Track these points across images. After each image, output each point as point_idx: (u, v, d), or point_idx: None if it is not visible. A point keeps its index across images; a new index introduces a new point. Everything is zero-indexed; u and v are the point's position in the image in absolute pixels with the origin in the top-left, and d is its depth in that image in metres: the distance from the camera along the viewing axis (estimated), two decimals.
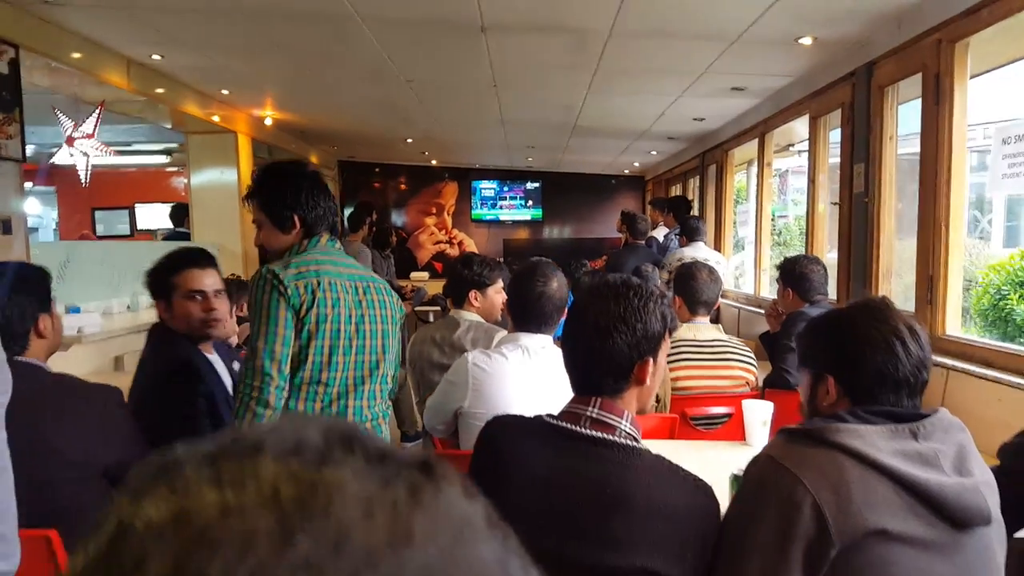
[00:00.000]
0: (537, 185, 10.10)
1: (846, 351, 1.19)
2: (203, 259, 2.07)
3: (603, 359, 1.25)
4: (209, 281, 2.04)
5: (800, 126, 4.73)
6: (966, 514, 1.09)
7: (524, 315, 2.11)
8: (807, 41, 3.61)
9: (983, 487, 1.12)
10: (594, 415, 1.24)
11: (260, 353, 1.76)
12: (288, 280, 1.79)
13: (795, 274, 3.01)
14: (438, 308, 7.57)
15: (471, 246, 10.28)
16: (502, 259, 9.84)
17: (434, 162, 9.75)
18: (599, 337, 1.25)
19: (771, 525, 1.08)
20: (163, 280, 2.00)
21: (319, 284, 1.82)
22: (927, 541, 1.07)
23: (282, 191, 1.90)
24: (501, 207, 10.20)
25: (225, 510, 0.28)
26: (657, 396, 2.57)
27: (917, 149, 3.12)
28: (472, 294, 2.66)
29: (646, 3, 3.18)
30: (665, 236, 5.98)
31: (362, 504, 0.29)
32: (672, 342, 2.43)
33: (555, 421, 1.27)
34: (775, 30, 3.46)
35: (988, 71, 3.35)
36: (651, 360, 1.26)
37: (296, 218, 1.89)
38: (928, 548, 1.08)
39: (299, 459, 0.30)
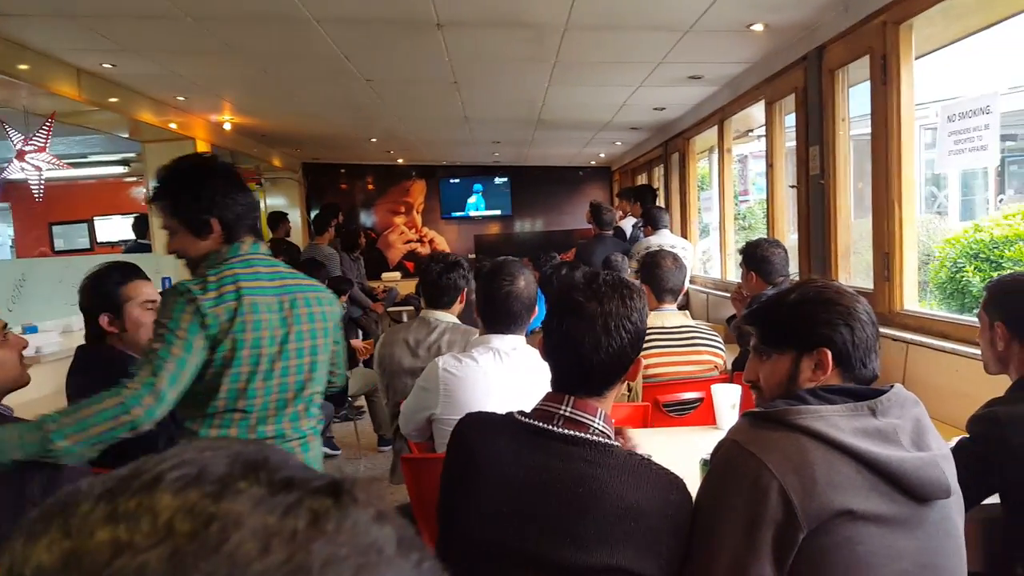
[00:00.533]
0: (505, 180, 10.10)
1: (838, 322, 1.22)
2: (142, 271, 2.01)
3: (610, 358, 1.24)
4: (154, 293, 1.98)
5: (757, 111, 4.80)
6: (926, 488, 1.12)
7: (493, 316, 2.08)
8: (759, 28, 3.67)
9: (941, 460, 1.15)
10: (567, 413, 1.24)
11: (163, 375, 1.56)
12: (207, 307, 1.63)
13: (757, 257, 3.09)
14: (411, 308, 7.56)
15: (442, 244, 10.26)
16: (474, 255, 9.92)
17: (400, 161, 9.69)
18: (607, 336, 1.24)
19: (739, 511, 1.10)
20: (112, 291, 1.90)
21: (239, 308, 1.66)
22: (890, 517, 1.10)
23: (195, 191, 1.71)
24: (470, 203, 10.18)
25: (117, 549, 0.27)
26: (629, 385, 2.61)
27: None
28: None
29: None
30: (633, 226, 6.03)
31: (259, 537, 0.28)
32: None
33: (527, 419, 1.27)
34: (726, 18, 3.51)
35: (934, 50, 3.43)
36: (639, 356, 1.29)
37: (214, 221, 1.71)
38: (892, 524, 1.10)
39: (198, 490, 0.29)
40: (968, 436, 1.62)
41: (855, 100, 3.58)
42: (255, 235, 1.80)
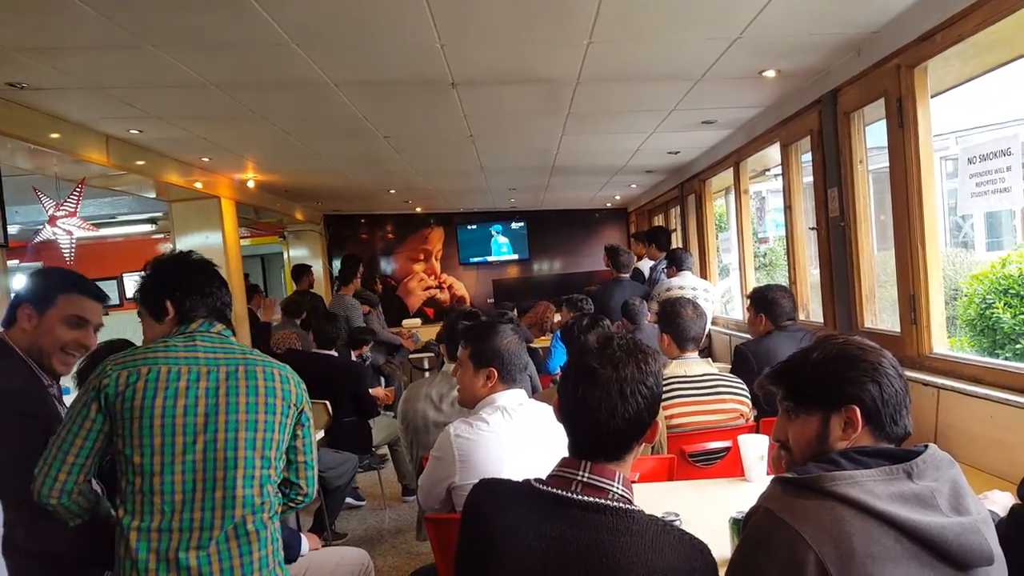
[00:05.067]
0: (522, 224, 10.18)
1: (864, 378, 1.20)
2: (101, 294, 1.99)
3: (626, 423, 1.24)
4: (96, 316, 1.95)
5: (774, 151, 4.82)
6: (968, 555, 1.08)
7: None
8: (771, 74, 3.70)
9: (982, 525, 1.11)
10: (585, 479, 1.23)
11: (52, 450, 1.58)
12: (113, 369, 1.60)
13: (767, 300, 3.38)
14: (432, 355, 7.57)
15: (461, 290, 10.31)
16: (492, 299, 9.92)
17: (419, 209, 9.83)
18: (623, 402, 1.24)
19: None
20: (50, 290, 1.87)
21: (146, 372, 1.59)
22: None
23: (156, 278, 1.80)
24: (495, 244, 10.24)
25: None
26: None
27: None
28: None
29: (609, 52, 3.25)
30: (651, 268, 6.02)
31: None
32: (664, 379, 2.45)
33: (544, 487, 1.25)
34: (738, 66, 3.55)
35: (950, 88, 3.42)
36: (657, 419, 1.28)
37: (168, 304, 1.75)
38: None
39: None
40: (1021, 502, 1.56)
41: (871, 133, 3.58)
42: (220, 320, 1.77)
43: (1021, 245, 6.85)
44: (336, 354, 4.63)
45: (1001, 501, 1.76)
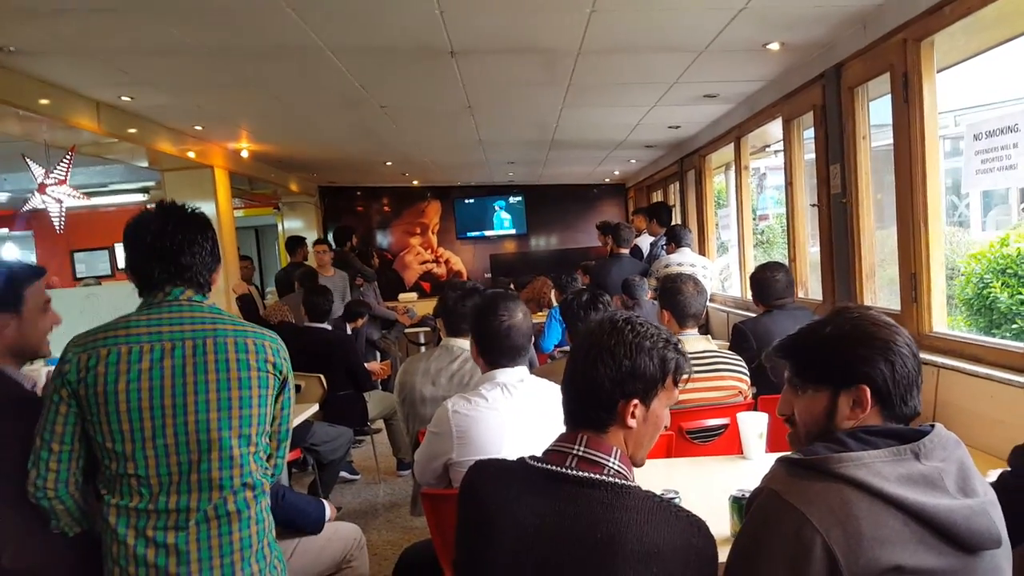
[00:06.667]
0: (520, 198, 10.11)
1: (877, 357, 1.16)
2: (40, 269, 1.89)
3: (584, 388, 1.25)
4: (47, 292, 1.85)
5: (775, 127, 4.76)
6: (976, 538, 1.07)
7: (495, 351, 2.04)
8: (775, 47, 3.63)
9: (990, 507, 1.10)
10: (581, 453, 1.22)
11: (36, 445, 1.54)
12: (72, 353, 1.53)
13: (756, 280, 3.39)
14: (428, 329, 7.55)
15: (457, 264, 10.27)
16: (489, 274, 9.89)
17: (415, 182, 9.74)
18: (584, 364, 1.25)
19: (779, 568, 1.04)
20: (18, 290, 1.77)
21: (105, 354, 1.51)
22: (940, 571, 1.05)
23: (125, 247, 1.65)
24: (496, 219, 10.18)
25: None
26: None
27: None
28: None
29: (612, 20, 3.18)
30: (652, 244, 6.00)
31: None
32: None
33: (539, 464, 1.25)
34: (742, 38, 3.48)
35: (955, 63, 3.37)
36: (637, 403, 1.24)
37: (132, 275, 1.63)
38: None
39: None
40: (1009, 469, 1.56)
41: (874, 110, 3.53)
42: (190, 286, 1.61)
43: (1019, 224, 6.83)
44: (329, 327, 4.60)
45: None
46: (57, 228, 4.79)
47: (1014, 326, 4.37)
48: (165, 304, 1.59)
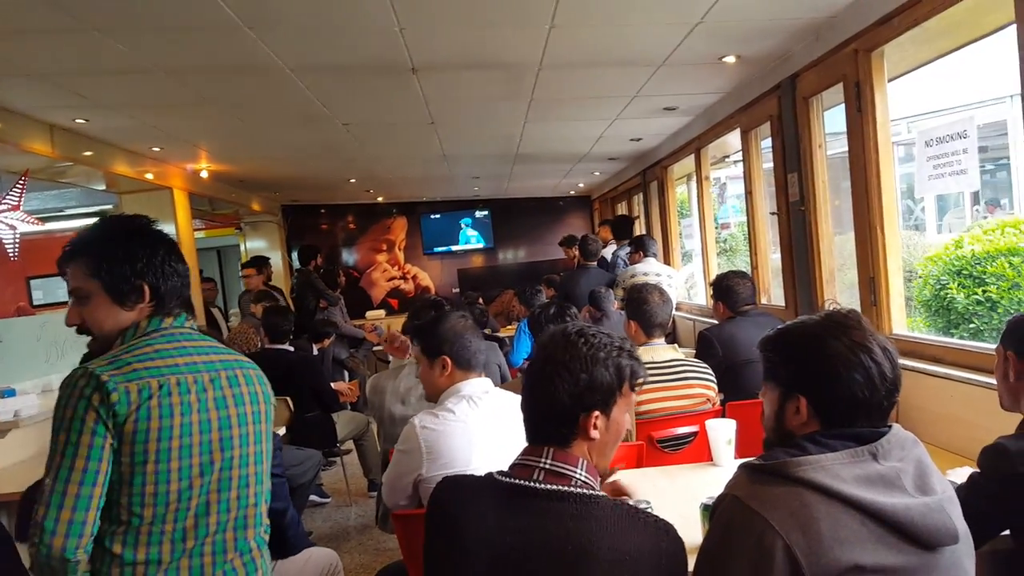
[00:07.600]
0: (486, 212, 10.13)
1: (821, 373, 1.14)
2: None
3: (544, 405, 1.25)
4: None
5: (734, 138, 4.85)
6: (934, 535, 1.09)
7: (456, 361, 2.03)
8: (731, 59, 3.71)
9: (947, 504, 1.12)
10: (547, 466, 1.22)
11: (68, 501, 1.28)
12: (114, 383, 1.31)
13: (722, 288, 3.39)
14: None
15: (425, 280, 10.22)
16: (457, 289, 9.85)
17: (380, 199, 9.69)
18: (542, 381, 1.25)
19: (743, 570, 1.06)
20: None
21: (161, 387, 1.35)
22: (900, 568, 1.07)
23: (128, 249, 1.44)
24: (463, 235, 10.15)
25: None
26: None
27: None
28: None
29: (571, 36, 3.22)
30: (613, 254, 6.06)
31: None
32: None
33: (507, 479, 1.24)
34: (698, 52, 3.55)
35: (905, 73, 3.48)
36: (598, 414, 1.25)
37: (146, 288, 1.44)
38: (900, 575, 1.07)
39: None
40: (979, 471, 1.59)
41: (828, 119, 3.61)
42: (187, 310, 1.53)
43: (972, 227, 7.04)
44: (291, 348, 4.53)
45: (965, 476, 1.79)
46: (11, 255, 4.64)
47: (971, 325, 4.49)
48: (178, 332, 1.47)
